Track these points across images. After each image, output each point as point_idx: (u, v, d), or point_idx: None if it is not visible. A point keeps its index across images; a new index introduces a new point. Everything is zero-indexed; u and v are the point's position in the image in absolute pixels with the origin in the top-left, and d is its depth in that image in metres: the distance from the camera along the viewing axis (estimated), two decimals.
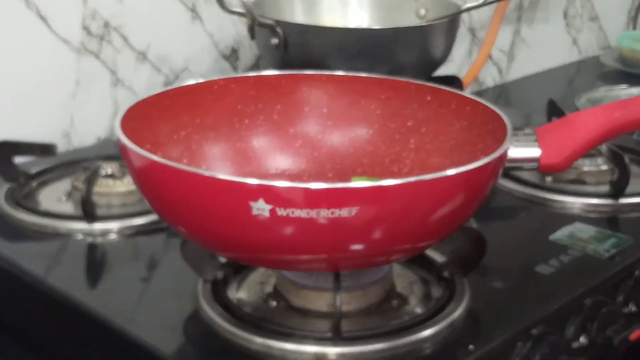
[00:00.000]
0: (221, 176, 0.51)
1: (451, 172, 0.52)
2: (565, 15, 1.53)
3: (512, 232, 0.77)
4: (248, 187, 0.50)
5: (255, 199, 0.49)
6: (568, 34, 1.55)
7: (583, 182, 0.84)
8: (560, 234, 0.73)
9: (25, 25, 0.89)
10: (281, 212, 0.49)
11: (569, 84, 1.48)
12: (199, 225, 0.54)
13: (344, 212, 0.49)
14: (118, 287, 0.66)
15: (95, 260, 0.71)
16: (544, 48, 1.49)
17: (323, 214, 0.49)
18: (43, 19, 0.90)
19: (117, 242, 0.73)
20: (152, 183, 0.54)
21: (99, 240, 0.73)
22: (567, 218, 0.77)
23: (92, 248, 0.73)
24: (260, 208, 0.49)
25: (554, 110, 0.93)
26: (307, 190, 0.49)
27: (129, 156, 0.55)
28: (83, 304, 0.63)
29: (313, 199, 0.49)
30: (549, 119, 0.93)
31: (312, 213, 0.49)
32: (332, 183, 0.49)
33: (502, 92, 1.41)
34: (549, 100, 0.95)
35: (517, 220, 0.80)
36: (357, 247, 0.53)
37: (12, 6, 0.87)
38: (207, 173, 0.51)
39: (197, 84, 0.69)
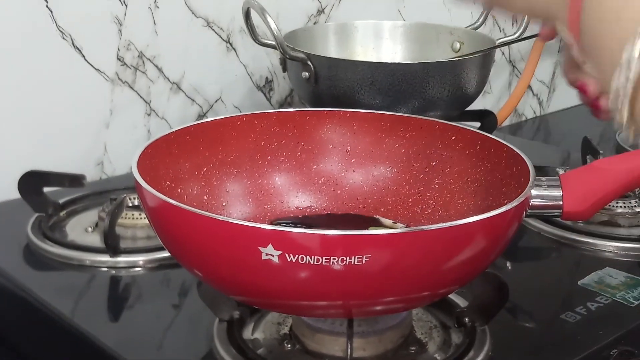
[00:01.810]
0: (231, 220, 0.50)
1: (468, 220, 0.51)
2: None
3: (539, 275, 0.75)
4: (257, 232, 0.49)
5: (265, 245, 0.48)
6: None
7: (616, 225, 0.82)
8: (588, 279, 0.71)
9: (60, 56, 0.90)
10: (291, 258, 0.49)
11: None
12: (211, 268, 0.54)
13: (356, 260, 0.48)
14: (136, 323, 0.66)
15: (117, 294, 0.71)
16: None
17: (333, 261, 0.48)
18: (78, 49, 0.92)
19: (139, 276, 0.73)
20: (163, 223, 0.54)
21: (122, 273, 0.73)
22: (598, 262, 0.75)
23: (114, 282, 0.73)
24: (270, 253, 0.49)
25: (589, 149, 0.91)
26: (316, 236, 0.48)
27: (143, 195, 0.55)
28: (99, 340, 0.63)
29: (323, 245, 0.48)
30: (584, 158, 0.91)
31: (323, 260, 0.48)
32: (344, 230, 0.48)
33: (542, 125, 1.39)
34: (583, 139, 0.93)
35: (545, 262, 0.78)
36: (370, 295, 0.52)
37: (48, 37, 0.89)
38: (217, 217, 0.51)
39: (219, 119, 0.70)
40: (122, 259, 0.74)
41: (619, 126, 0.41)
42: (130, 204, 0.81)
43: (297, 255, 0.48)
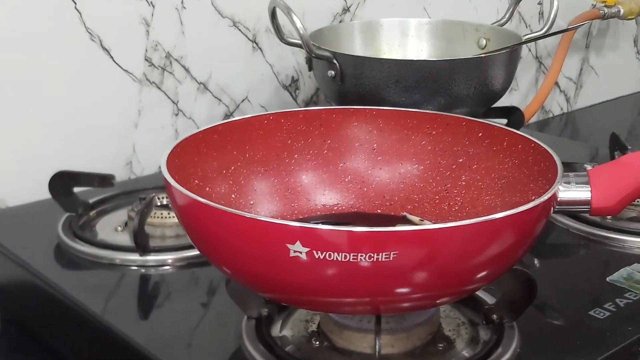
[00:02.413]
0: (259, 217, 0.51)
1: (496, 216, 0.51)
2: (635, 42, 1.49)
3: (567, 271, 0.75)
4: (285, 229, 0.49)
5: (293, 242, 0.49)
6: (639, 61, 1.51)
7: None
8: (617, 276, 0.71)
9: (88, 57, 0.92)
10: (318, 254, 0.49)
11: (639, 113, 1.44)
12: (240, 265, 0.54)
13: (383, 257, 0.49)
14: (165, 321, 0.67)
15: (146, 292, 0.72)
16: (613, 76, 1.46)
17: (361, 258, 0.49)
18: (106, 50, 0.93)
19: (169, 274, 0.74)
20: (192, 221, 0.55)
21: (152, 272, 0.74)
22: (626, 258, 0.74)
23: (144, 280, 0.74)
24: (298, 250, 0.49)
25: (617, 145, 0.90)
26: (343, 233, 0.48)
27: (172, 194, 0.55)
28: (129, 337, 0.63)
29: (351, 242, 0.49)
30: (612, 154, 0.91)
31: (350, 257, 0.49)
32: (371, 227, 0.49)
33: (569, 121, 1.38)
34: (611, 134, 0.92)
35: (574, 259, 0.78)
36: (398, 291, 0.52)
37: (77, 38, 0.90)
38: (245, 214, 0.51)
39: (246, 118, 0.70)
40: (152, 258, 0.74)
41: None
42: (159, 203, 0.82)
43: (324, 252, 0.49)
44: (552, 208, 0.56)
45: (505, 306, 0.61)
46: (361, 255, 0.48)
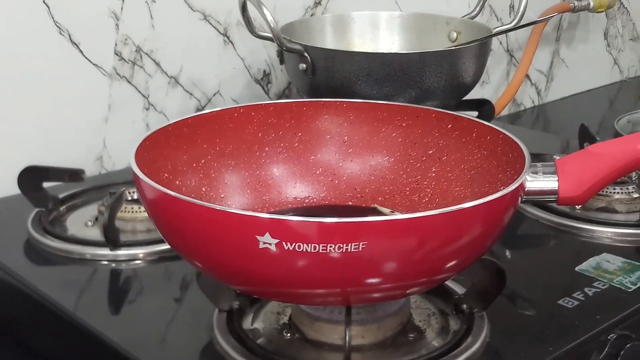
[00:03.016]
0: (228, 209, 0.51)
1: (464, 205, 0.51)
2: (605, 35, 1.50)
3: (537, 261, 0.75)
4: (254, 221, 0.49)
5: (262, 233, 0.49)
6: (609, 54, 1.52)
7: (613, 211, 0.82)
8: (586, 265, 0.71)
9: (57, 51, 0.91)
10: (288, 246, 0.49)
11: (610, 105, 1.45)
12: (210, 258, 0.54)
13: (352, 247, 0.49)
14: (137, 315, 0.67)
15: (117, 287, 0.72)
16: (584, 68, 1.47)
17: (331, 249, 0.49)
18: (75, 44, 0.92)
19: (140, 269, 0.74)
20: (162, 215, 0.54)
21: (123, 266, 0.74)
22: (595, 248, 0.75)
23: (115, 275, 0.73)
24: (267, 242, 0.49)
25: (586, 136, 0.91)
26: (313, 224, 0.49)
27: (141, 187, 0.55)
28: (101, 333, 0.63)
29: (320, 233, 0.49)
30: (581, 145, 0.92)
31: (320, 247, 0.49)
32: (340, 218, 0.49)
33: (541, 114, 1.39)
34: (581, 126, 0.93)
35: (543, 249, 0.79)
36: (368, 281, 0.52)
37: (45, 32, 0.89)
38: (215, 206, 0.51)
39: (216, 111, 0.70)
40: (122, 252, 0.74)
41: None
42: (130, 198, 0.82)
43: (294, 243, 0.49)
44: (519, 198, 0.57)
45: (475, 296, 0.62)
46: (330, 246, 0.49)
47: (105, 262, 0.74)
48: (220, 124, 0.69)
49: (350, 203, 0.71)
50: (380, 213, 0.69)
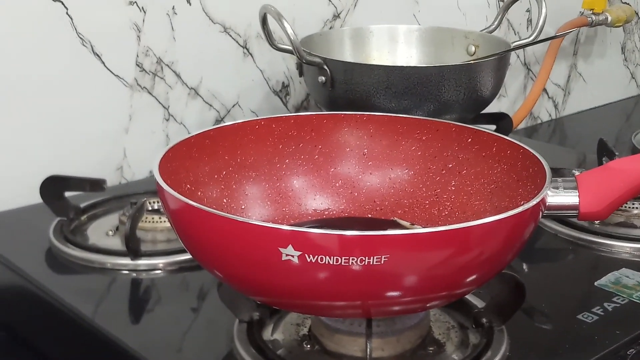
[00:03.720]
0: (251, 221, 0.51)
1: (485, 220, 0.52)
2: (622, 49, 1.50)
3: (556, 276, 0.75)
4: (277, 233, 0.50)
5: (285, 245, 0.49)
6: (626, 68, 1.52)
7: (632, 226, 0.82)
8: (605, 280, 0.71)
9: (80, 62, 0.92)
10: (310, 258, 0.49)
11: (627, 119, 1.45)
12: (231, 269, 0.54)
13: (374, 260, 0.49)
14: (157, 325, 0.67)
15: (138, 297, 0.72)
16: (601, 82, 1.47)
17: (352, 262, 0.49)
18: (97, 55, 0.93)
19: (160, 279, 0.74)
20: (184, 225, 0.55)
21: (143, 276, 0.74)
22: (614, 263, 0.75)
23: (135, 284, 0.74)
24: (290, 254, 0.49)
25: (605, 151, 0.91)
26: (335, 237, 0.49)
27: (164, 198, 0.56)
28: (120, 341, 0.63)
29: (342, 246, 0.49)
30: (599, 159, 0.92)
31: (342, 260, 0.49)
32: (362, 231, 0.49)
33: (557, 127, 1.39)
34: (599, 140, 0.93)
35: (562, 264, 0.79)
36: (389, 294, 0.52)
37: (68, 43, 0.90)
38: (237, 218, 0.51)
39: (238, 123, 0.70)
40: (143, 262, 0.75)
41: None
42: (150, 208, 0.82)
43: (316, 256, 0.49)
44: (540, 212, 0.57)
45: (495, 310, 0.62)
46: (352, 259, 0.49)
47: (126, 272, 0.74)
48: (242, 136, 0.70)
49: (369, 215, 0.72)
50: (399, 226, 0.70)
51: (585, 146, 1.14)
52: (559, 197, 0.59)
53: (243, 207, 0.69)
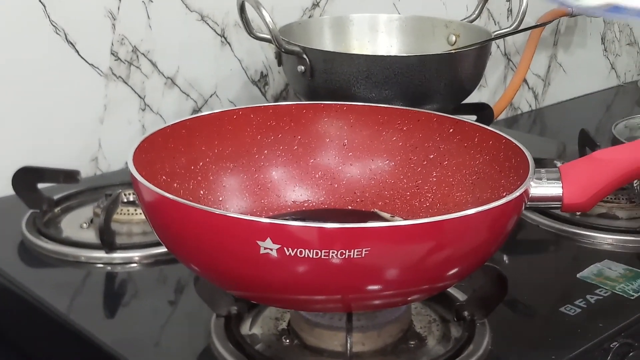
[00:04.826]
0: (228, 214, 0.50)
1: (468, 212, 0.51)
2: (602, 39, 1.50)
3: (537, 268, 0.75)
4: (255, 225, 0.48)
5: (263, 238, 0.48)
6: (606, 58, 1.52)
7: (614, 217, 0.82)
8: (588, 272, 0.71)
9: (53, 50, 0.90)
10: (289, 251, 0.48)
11: (607, 109, 1.45)
12: (209, 263, 0.53)
13: (355, 253, 0.48)
14: (133, 319, 0.66)
15: (112, 290, 0.71)
16: (581, 73, 1.47)
17: (333, 255, 0.48)
18: (71, 44, 0.91)
19: (136, 272, 0.73)
20: (160, 218, 0.53)
21: (118, 269, 0.73)
22: (596, 254, 0.74)
23: (110, 278, 0.72)
24: (268, 247, 0.48)
25: (586, 141, 0.90)
26: (314, 229, 0.48)
27: (139, 189, 0.54)
28: (95, 336, 0.62)
29: (322, 239, 0.48)
30: (581, 150, 0.91)
31: (322, 253, 0.48)
32: (341, 224, 0.48)
33: (538, 118, 1.38)
34: (580, 131, 0.93)
35: (544, 255, 0.78)
36: (369, 288, 0.51)
37: (41, 31, 0.88)
38: (214, 210, 0.50)
39: (215, 113, 0.69)
40: (118, 255, 0.73)
41: None
42: (126, 199, 0.81)
43: (295, 249, 0.48)
44: (523, 204, 0.56)
45: (477, 303, 0.61)
46: (333, 252, 0.48)
47: (101, 265, 0.73)
48: (219, 126, 0.68)
49: (350, 207, 0.70)
50: (380, 218, 0.68)
51: (566, 137, 1.13)
52: (542, 188, 0.58)
53: (220, 199, 0.67)
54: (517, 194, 0.53)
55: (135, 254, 0.73)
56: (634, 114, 1.24)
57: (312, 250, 0.48)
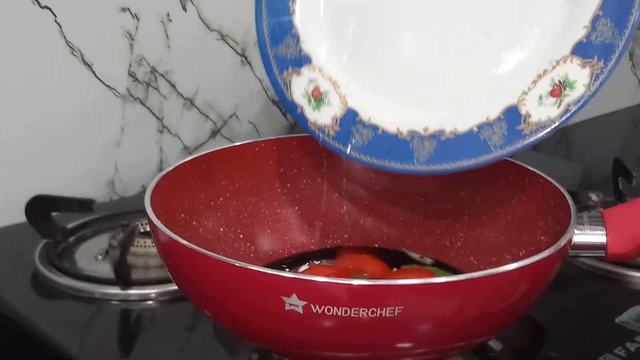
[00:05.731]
0: (251, 267, 0.47)
1: (508, 267, 0.47)
2: (630, 55, 1.46)
3: (572, 310, 0.70)
4: (280, 280, 0.45)
5: (288, 294, 0.45)
6: (634, 74, 1.48)
7: None
8: (627, 316, 0.67)
9: (69, 72, 0.87)
10: (316, 308, 0.45)
11: (633, 127, 1.41)
12: (228, 314, 0.50)
13: (387, 312, 0.45)
14: None
15: (127, 329, 0.68)
16: (609, 90, 1.42)
17: (362, 313, 0.45)
18: (88, 65, 0.88)
19: (152, 309, 0.69)
20: (176, 264, 0.51)
21: (134, 307, 0.70)
22: (636, 296, 0.71)
23: (125, 316, 0.69)
24: (294, 304, 0.45)
25: (621, 171, 0.86)
26: (343, 286, 0.45)
27: (156, 233, 0.51)
28: None
29: (350, 296, 0.45)
30: (615, 180, 0.87)
31: (351, 311, 0.45)
32: (373, 280, 0.45)
33: (564, 137, 1.34)
34: (615, 160, 0.89)
35: (580, 297, 0.74)
36: (399, 346, 0.48)
37: (57, 52, 0.85)
38: (235, 262, 0.47)
39: (236, 146, 0.66)
40: (134, 292, 0.70)
41: None
42: (142, 230, 0.78)
43: (323, 306, 0.45)
44: (566, 253, 0.52)
45: (512, 352, 0.58)
46: (363, 310, 0.45)
47: (116, 302, 0.70)
48: (240, 159, 0.66)
49: (376, 245, 0.67)
50: (408, 258, 0.65)
51: (594, 157, 1.09)
52: (585, 235, 0.54)
53: (241, 236, 0.65)
54: (561, 244, 0.50)
55: (152, 291, 0.70)
56: None
57: (340, 308, 0.45)
